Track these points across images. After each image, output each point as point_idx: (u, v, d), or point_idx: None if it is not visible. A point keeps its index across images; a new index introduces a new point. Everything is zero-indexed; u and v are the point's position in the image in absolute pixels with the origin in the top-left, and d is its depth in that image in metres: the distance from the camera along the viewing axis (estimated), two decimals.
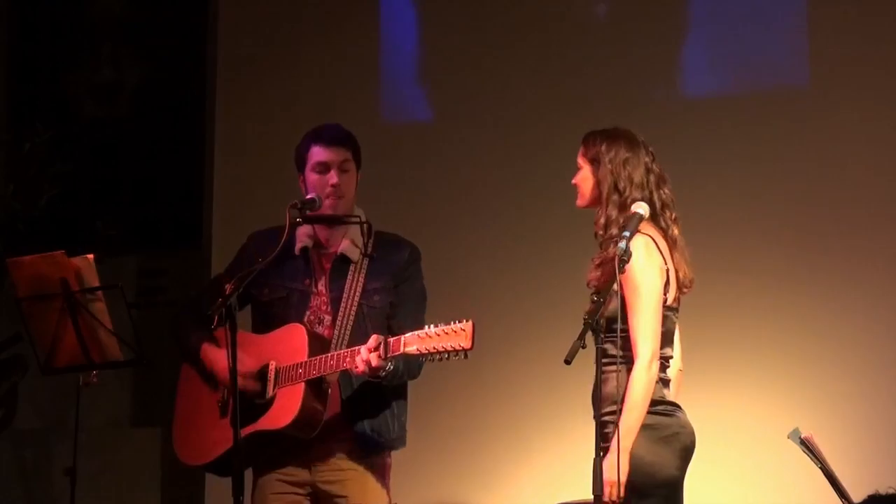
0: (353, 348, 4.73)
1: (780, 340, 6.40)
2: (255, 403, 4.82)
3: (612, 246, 4.61)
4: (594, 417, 4.63)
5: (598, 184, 4.73)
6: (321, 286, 4.96)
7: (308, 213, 4.89)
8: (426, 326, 4.62)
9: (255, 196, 7.12)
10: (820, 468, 4.83)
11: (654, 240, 4.66)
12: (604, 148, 4.74)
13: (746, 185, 6.55)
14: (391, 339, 4.65)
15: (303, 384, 4.76)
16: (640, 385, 4.53)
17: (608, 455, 4.45)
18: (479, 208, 6.99)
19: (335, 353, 4.77)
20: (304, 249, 4.98)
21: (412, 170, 7.15)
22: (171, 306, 5.50)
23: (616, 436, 4.46)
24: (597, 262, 4.71)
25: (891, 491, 4.72)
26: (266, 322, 4.97)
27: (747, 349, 6.41)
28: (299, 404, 4.75)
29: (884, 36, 6.44)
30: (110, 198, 7.85)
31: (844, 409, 6.26)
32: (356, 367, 4.68)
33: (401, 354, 4.65)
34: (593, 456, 4.37)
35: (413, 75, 7.35)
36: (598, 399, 4.60)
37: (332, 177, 4.93)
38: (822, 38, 6.54)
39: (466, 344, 4.55)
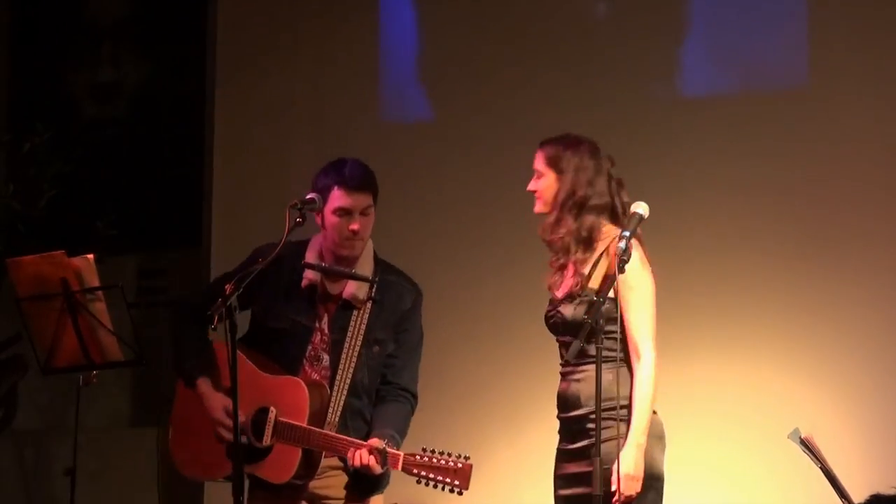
0: (354, 441, 4.84)
1: (779, 340, 6.39)
2: (252, 445, 4.88)
3: (578, 251, 4.70)
4: (565, 416, 4.72)
5: (560, 191, 4.77)
6: (324, 324, 5.00)
7: (324, 265, 4.95)
8: (427, 453, 4.75)
9: (255, 196, 7.12)
10: (820, 468, 4.83)
11: (640, 243, 4.70)
12: (568, 155, 4.77)
13: (746, 184, 6.55)
14: (390, 452, 4.77)
15: (300, 449, 4.86)
16: (652, 384, 4.60)
17: (626, 450, 4.55)
18: (479, 208, 6.98)
19: (336, 437, 4.86)
20: (311, 286, 5.00)
21: (411, 169, 7.15)
22: (171, 306, 5.50)
23: (632, 431, 4.57)
24: (566, 267, 4.73)
25: (892, 491, 4.72)
26: (265, 348, 4.97)
27: (747, 349, 6.41)
28: (295, 467, 4.87)
29: (883, 35, 6.44)
30: (110, 198, 7.85)
31: (844, 409, 6.25)
32: (353, 462, 4.81)
33: (394, 461, 4.79)
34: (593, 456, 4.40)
35: (413, 75, 7.34)
36: (574, 397, 4.69)
37: (354, 223, 4.94)
38: (822, 38, 6.53)
39: (463, 485, 4.75)
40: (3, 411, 7.76)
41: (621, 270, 4.48)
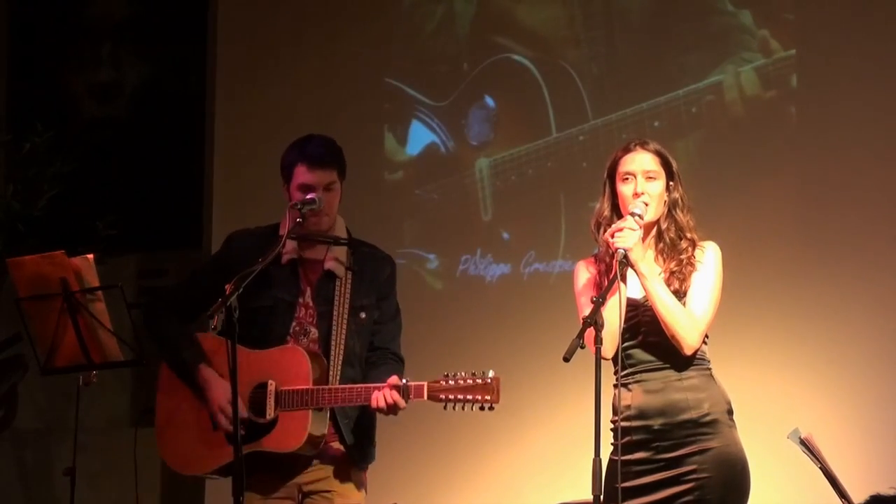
0: (367, 385, 4.84)
1: (779, 340, 6.40)
2: (253, 423, 4.87)
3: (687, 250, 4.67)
4: (662, 425, 4.61)
5: (677, 199, 4.69)
6: (307, 298, 5.03)
7: (298, 231, 4.93)
8: (450, 376, 4.73)
9: (255, 196, 7.12)
10: (820, 468, 4.83)
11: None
12: (675, 161, 4.70)
13: (743, 182, 6.55)
14: (412, 385, 4.77)
15: (309, 411, 4.84)
16: (688, 318, 4.55)
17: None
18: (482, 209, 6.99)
19: (346, 387, 4.86)
20: (292, 261, 5.02)
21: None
22: (143, 306, 5.54)
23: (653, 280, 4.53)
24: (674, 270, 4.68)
25: (891, 492, 4.73)
26: (246, 331, 4.89)
27: (746, 349, 6.41)
28: (307, 430, 4.84)
29: (881, 33, 6.44)
30: (110, 198, 7.85)
31: (844, 409, 6.25)
32: (377, 403, 4.79)
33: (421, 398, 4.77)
34: (592, 456, 4.39)
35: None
36: (671, 403, 4.60)
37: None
38: (814, 35, 6.54)
39: (494, 399, 4.72)
40: (3, 411, 7.75)
41: (622, 273, 4.49)
